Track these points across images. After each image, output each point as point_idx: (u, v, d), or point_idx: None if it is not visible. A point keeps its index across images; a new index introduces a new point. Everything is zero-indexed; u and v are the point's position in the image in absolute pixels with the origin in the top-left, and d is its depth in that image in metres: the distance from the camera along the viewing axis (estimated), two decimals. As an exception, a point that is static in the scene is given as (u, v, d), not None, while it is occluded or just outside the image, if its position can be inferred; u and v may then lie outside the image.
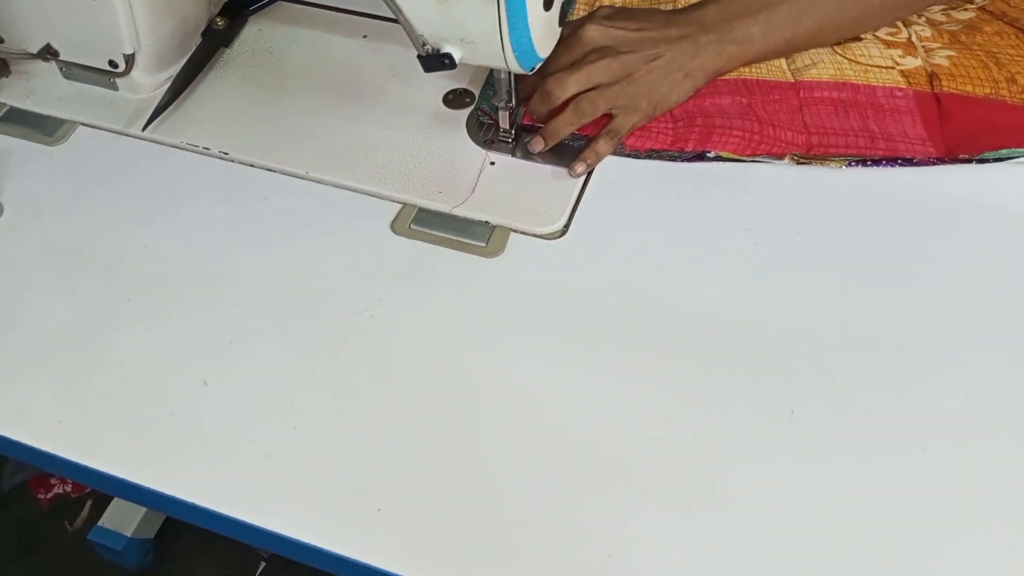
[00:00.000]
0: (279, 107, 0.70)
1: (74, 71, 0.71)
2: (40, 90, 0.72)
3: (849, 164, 0.63)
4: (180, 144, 0.68)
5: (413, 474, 0.50)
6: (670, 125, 0.66)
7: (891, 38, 0.71)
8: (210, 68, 0.73)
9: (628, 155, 0.65)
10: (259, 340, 0.56)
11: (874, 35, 0.71)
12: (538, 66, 0.59)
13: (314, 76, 0.72)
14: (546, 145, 0.64)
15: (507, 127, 0.65)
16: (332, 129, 0.68)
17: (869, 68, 0.69)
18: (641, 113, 0.64)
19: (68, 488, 1.26)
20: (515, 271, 0.59)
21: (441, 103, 0.69)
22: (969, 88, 0.67)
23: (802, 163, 0.64)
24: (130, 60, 0.68)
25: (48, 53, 0.69)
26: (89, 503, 1.25)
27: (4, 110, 0.71)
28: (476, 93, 0.69)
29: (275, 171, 0.66)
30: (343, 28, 0.76)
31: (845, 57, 0.69)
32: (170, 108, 0.69)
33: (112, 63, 0.68)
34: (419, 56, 0.58)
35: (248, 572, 1.19)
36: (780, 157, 0.64)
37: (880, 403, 0.52)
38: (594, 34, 0.63)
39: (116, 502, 1.19)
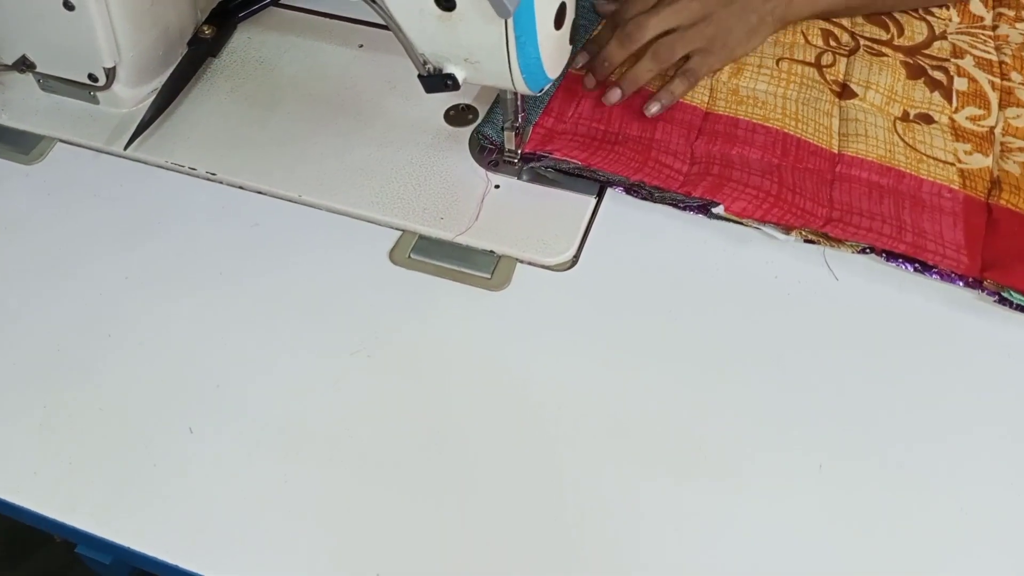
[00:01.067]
0: (270, 123, 0.66)
1: (52, 84, 0.67)
2: (17, 103, 0.68)
3: (863, 251, 0.56)
4: (165, 164, 0.64)
5: (416, 531, 0.46)
6: (686, 166, 0.61)
7: (971, 124, 0.64)
8: (197, 80, 0.68)
9: (633, 186, 0.60)
10: (245, 384, 0.52)
11: (951, 118, 0.64)
12: (547, 87, 0.55)
13: (307, 89, 0.68)
14: (623, 95, 0.64)
15: (513, 148, 0.61)
16: (326, 148, 0.64)
17: (924, 159, 0.61)
18: (717, 56, 0.65)
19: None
20: (522, 305, 0.56)
21: (442, 119, 0.65)
22: None
23: (809, 241, 0.57)
24: (111, 73, 0.64)
25: (24, 65, 0.65)
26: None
27: (-22, 125, 0.67)
28: (479, 109, 0.66)
29: (266, 194, 0.62)
30: (338, 37, 0.72)
31: (903, 139, 0.62)
32: (154, 124, 0.65)
33: (92, 76, 0.64)
34: (419, 76, 0.54)
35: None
36: (789, 230, 0.57)
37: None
38: None
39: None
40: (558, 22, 0.51)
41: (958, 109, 0.65)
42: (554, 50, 0.53)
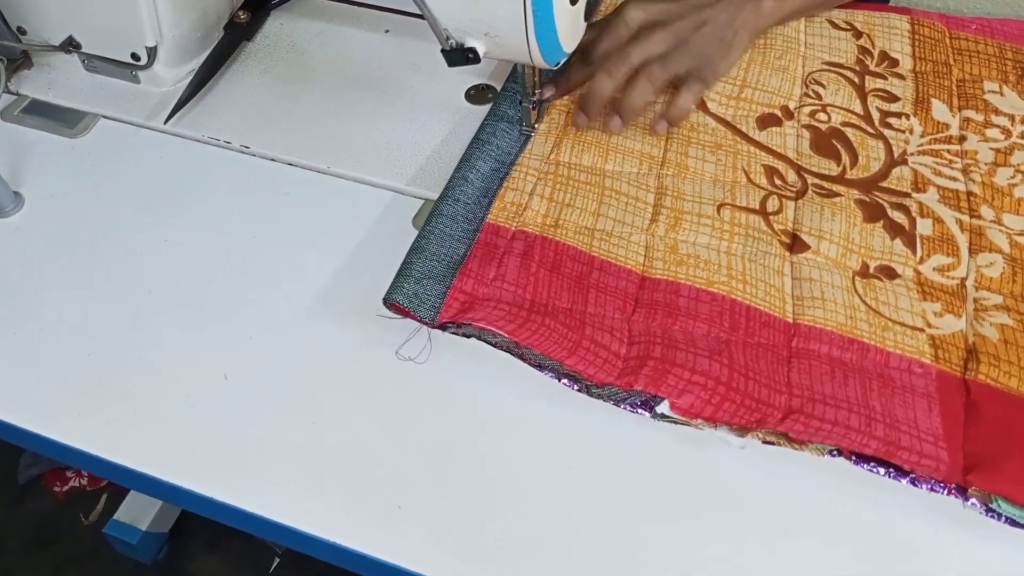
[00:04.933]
0: (300, 101, 0.70)
1: (96, 64, 0.71)
2: (62, 82, 0.72)
3: (831, 453, 0.48)
4: (201, 138, 0.67)
5: (434, 472, 0.49)
6: (623, 347, 0.53)
7: (939, 276, 0.55)
8: (232, 62, 0.72)
9: (567, 375, 0.52)
10: (279, 335, 0.56)
11: (916, 270, 0.56)
12: (563, 61, 0.58)
13: (336, 70, 0.72)
14: (624, 123, 0.63)
15: (531, 123, 0.64)
16: (354, 124, 0.67)
17: (890, 325, 0.53)
18: (708, 71, 0.64)
19: (84, 481, 1.26)
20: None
21: (463, 98, 0.69)
22: (1015, 383, 0.50)
23: (768, 443, 0.49)
24: (152, 53, 0.68)
25: (70, 45, 0.69)
26: (104, 496, 1.25)
27: (26, 102, 0.71)
28: (498, 88, 0.69)
29: (296, 166, 0.66)
30: (365, 23, 0.76)
31: (865, 301, 0.54)
32: (192, 102, 0.69)
33: (134, 56, 0.68)
34: (443, 50, 0.58)
35: (262, 567, 1.19)
36: (744, 431, 0.49)
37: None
38: (637, 13, 0.64)
39: (131, 496, 1.19)
40: (573, -2, 0.55)
41: (923, 259, 0.56)
42: (570, 25, 0.56)
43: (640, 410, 0.51)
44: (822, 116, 0.65)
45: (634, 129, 0.64)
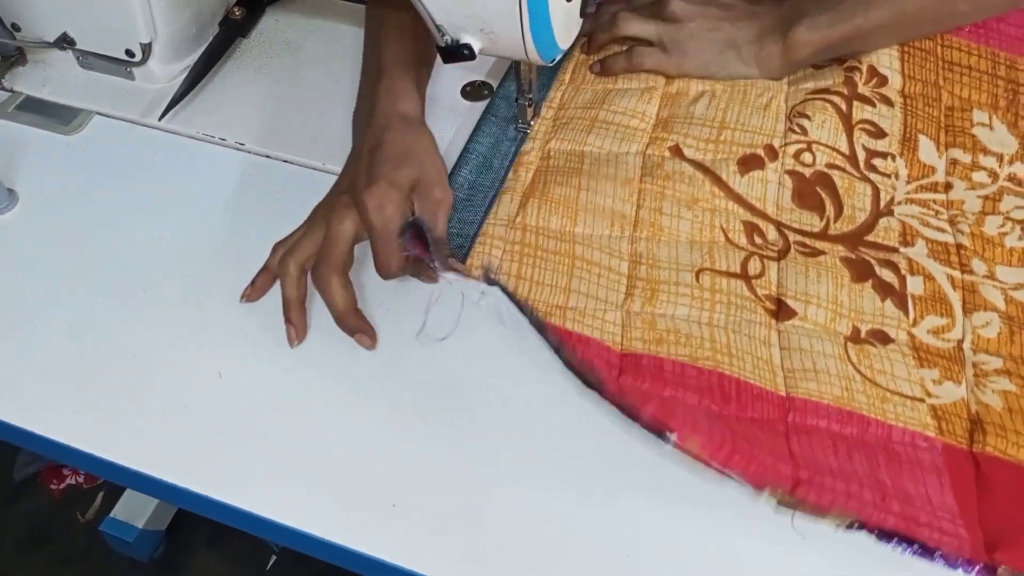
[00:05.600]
0: (295, 98, 0.69)
1: (90, 60, 0.70)
2: (56, 79, 0.72)
3: (852, 526, 0.45)
4: (196, 135, 0.67)
5: (427, 471, 0.49)
6: (615, 373, 0.51)
7: (935, 340, 0.53)
8: (227, 59, 0.72)
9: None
10: (274, 333, 0.55)
11: (911, 333, 0.53)
12: (558, 58, 0.58)
13: (331, 67, 0.72)
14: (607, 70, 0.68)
15: (527, 120, 0.64)
16: (348, 121, 0.67)
17: (888, 396, 0.50)
18: (670, 61, 0.66)
19: (80, 479, 1.26)
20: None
21: (459, 95, 0.69)
22: None
23: (784, 506, 0.46)
24: (147, 49, 0.67)
25: (64, 42, 0.69)
26: (101, 495, 1.25)
27: (20, 99, 0.71)
28: (494, 85, 0.69)
29: (291, 163, 0.65)
30: (360, 20, 0.75)
31: (859, 370, 0.51)
32: (187, 98, 0.68)
33: (129, 52, 0.68)
34: (438, 47, 0.57)
35: (259, 565, 1.19)
36: (759, 488, 0.46)
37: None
38: (677, 8, 0.66)
39: (128, 494, 1.19)
40: (569, -6, 0.55)
41: (916, 321, 0.54)
42: (565, 21, 0.56)
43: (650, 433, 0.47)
44: (807, 157, 0.62)
45: (604, 182, 0.60)
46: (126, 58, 0.68)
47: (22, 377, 0.54)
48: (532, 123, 0.64)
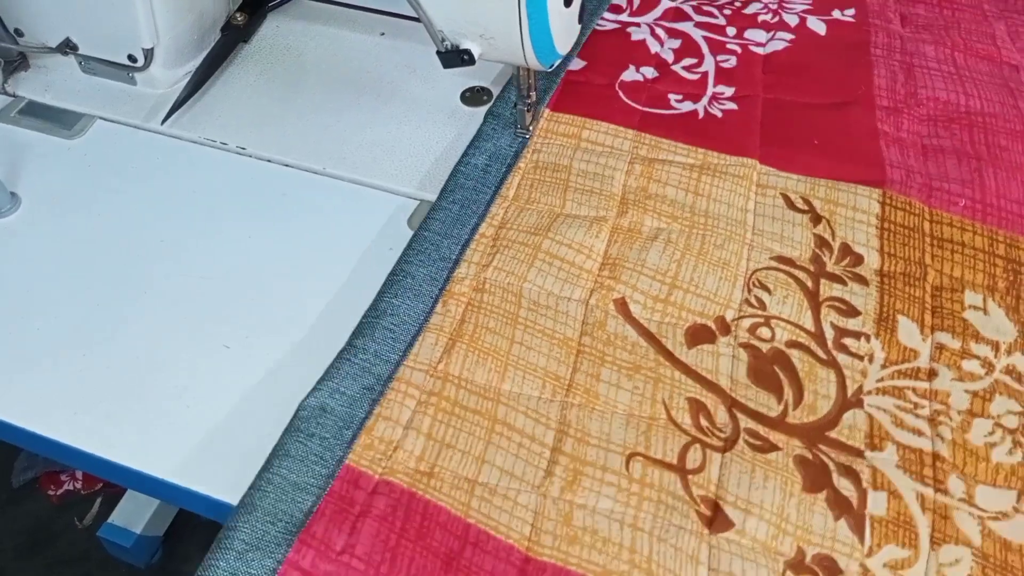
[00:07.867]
0: (296, 103, 0.70)
1: (93, 65, 0.71)
2: (59, 84, 0.72)
3: None
4: (198, 139, 0.68)
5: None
6: None
7: None
8: (228, 64, 0.73)
9: None
10: (275, 334, 0.56)
11: (864, 565, 0.45)
12: (556, 63, 0.59)
13: (332, 73, 0.72)
14: None
15: (525, 125, 0.65)
16: (349, 125, 0.68)
17: None
18: None
19: (78, 485, 1.26)
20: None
21: (459, 100, 0.69)
22: None
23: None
24: (149, 55, 0.68)
25: (67, 47, 0.70)
26: (99, 500, 1.25)
27: (23, 103, 0.71)
28: (493, 91, 0.69)
29: (292, 167, 0.66)
30: (361, 25, 0.76)
31: None
32: (188, 103, 0.69)
33: (131, 57, 0.68)
34: (438, 52, 0.58)
35: (257, 571, 1.18)
36: None
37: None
38: None
39: (126, 499, 1.19)
40: (567, 0, 0.55)
41: (872, 550, 0.45)
42: (564, 27, 0.57)
43: None
44: (764, 332, 0.54)
45: (541, 339, 0.54)
46: (128, 63, 0.69)
47: (23, 378, 0.54)
48: (531, 128, 0.65)
